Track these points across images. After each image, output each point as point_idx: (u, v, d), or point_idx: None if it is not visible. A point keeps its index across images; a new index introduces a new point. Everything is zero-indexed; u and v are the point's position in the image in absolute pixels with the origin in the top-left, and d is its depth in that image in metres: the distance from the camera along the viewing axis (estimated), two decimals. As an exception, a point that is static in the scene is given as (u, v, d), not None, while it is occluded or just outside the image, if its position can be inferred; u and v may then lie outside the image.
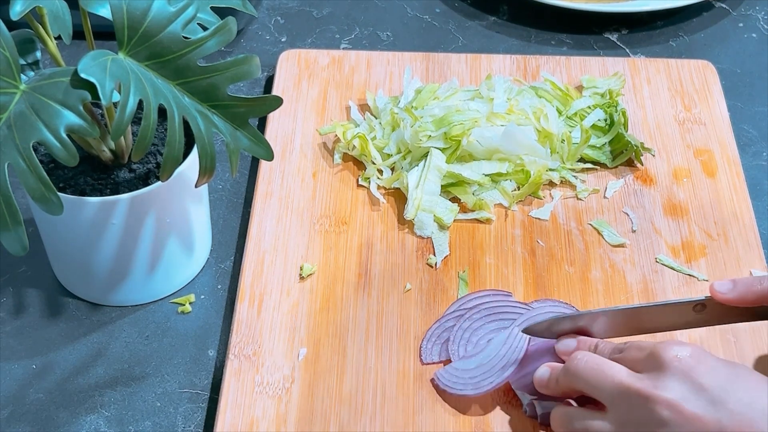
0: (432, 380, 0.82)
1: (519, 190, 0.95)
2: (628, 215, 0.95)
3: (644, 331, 0.80)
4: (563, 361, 0.78)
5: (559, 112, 1.00)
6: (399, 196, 0.96)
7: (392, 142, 0.98)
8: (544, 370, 0.78)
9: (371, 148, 0.96)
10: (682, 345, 0.71)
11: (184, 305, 0.90)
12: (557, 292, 0.88)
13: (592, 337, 0.79)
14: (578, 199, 0.96)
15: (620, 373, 0.72)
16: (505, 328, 0.83)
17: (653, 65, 1.09)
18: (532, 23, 1.18)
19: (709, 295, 0.78)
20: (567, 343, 0.78)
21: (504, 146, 0.95)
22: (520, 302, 0.86)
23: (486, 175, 0.95)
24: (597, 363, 0.74)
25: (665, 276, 0.90)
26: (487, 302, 0.86)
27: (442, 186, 0.94)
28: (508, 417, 0.80)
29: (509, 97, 0.99)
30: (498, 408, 0.81)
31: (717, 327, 0.85)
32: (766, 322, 0.86)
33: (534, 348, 0.81)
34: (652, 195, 0.97)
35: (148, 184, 0.83)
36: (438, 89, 1.01)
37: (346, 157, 0.99)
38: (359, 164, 0.99)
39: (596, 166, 0.99)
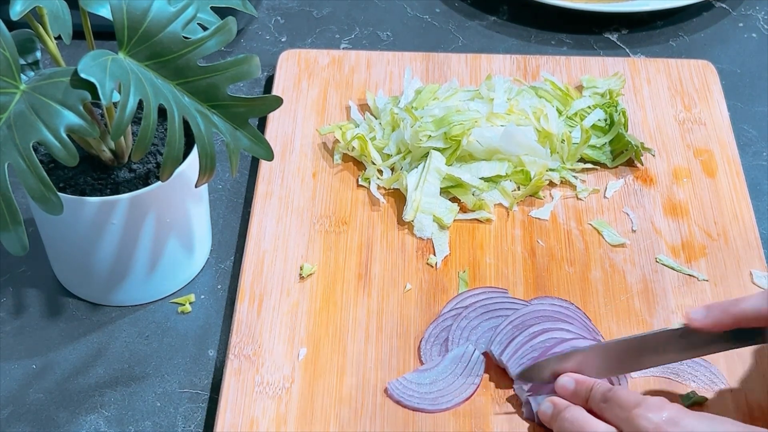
0: (385, 390, 0.82)
1: (519, 190, 0.95)
2: (628, 215, 0.95)
3: (636, 368, 0.80)
4: None
5: (559, 112, 1.00)
6: (399, 197, 0.96)
7: (392, 143, 0.98)
8: (547, 407, 0.78)
9: (371, 149, 0.96)
10: (658, 409, 0.72)
11: (184, 305, 0.90)
12: (557, 291, 0.88)
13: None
14: (578, 199, 0.96)
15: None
16: (497, 326, 0.84)
17: (653, 65, 1.09)
18: (532, 23, 1.18)
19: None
20: (564, 384, 0.79)
21: (504, 146, 0.95)
22: (517, 298, 0.86)
23: (485, 179, 0.95)
24: (581, 426, 0.75)
25: (665, 276, 0.90)
26: (482, 299, 0.86)
27: (441, 187, 0.94)
28: (508, 417, 0.80)
29: (509, 98, 0.99)
30: (498, 408, 0.81)
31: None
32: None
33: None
34: (652, 195, 0.97)
35: (148, 184, 0.83)
36: (438, 90, 1.01)
37: (346, 158, 0.99)
38: (359, 164, 0.99)
39: (596, 166, 0.99)
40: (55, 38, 0.79)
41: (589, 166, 0.99)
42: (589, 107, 1.00)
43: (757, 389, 0.82)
